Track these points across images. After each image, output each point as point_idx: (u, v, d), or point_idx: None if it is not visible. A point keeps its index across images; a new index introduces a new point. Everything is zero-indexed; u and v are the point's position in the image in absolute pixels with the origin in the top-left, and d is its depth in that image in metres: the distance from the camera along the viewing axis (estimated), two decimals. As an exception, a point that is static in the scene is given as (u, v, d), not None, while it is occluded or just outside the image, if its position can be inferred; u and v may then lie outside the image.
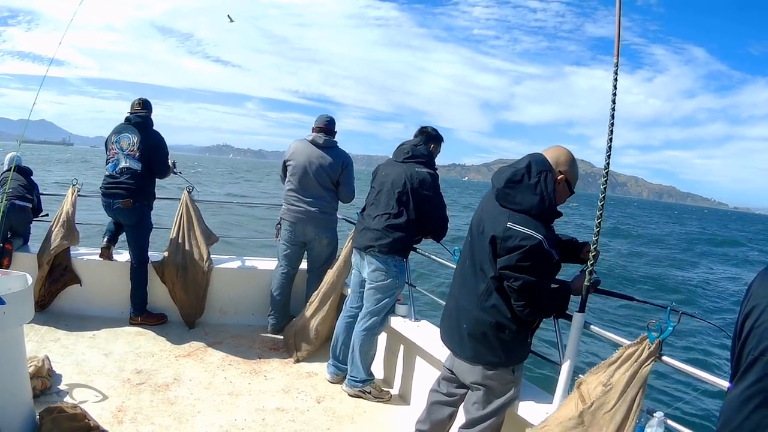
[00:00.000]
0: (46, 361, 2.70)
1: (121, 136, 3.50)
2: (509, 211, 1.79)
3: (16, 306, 1.90)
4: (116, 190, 3.47)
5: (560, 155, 1.88)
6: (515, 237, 1.73)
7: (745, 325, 1.23)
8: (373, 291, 2.85)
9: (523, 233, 1.73)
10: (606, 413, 1.63)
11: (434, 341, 2.66)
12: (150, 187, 3.61)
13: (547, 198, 1.78)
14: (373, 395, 2.89)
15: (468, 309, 1.91)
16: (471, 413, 1.98)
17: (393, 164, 2.86)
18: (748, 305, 1.24)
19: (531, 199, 1.78)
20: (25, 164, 4.01)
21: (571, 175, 1.89)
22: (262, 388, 2.91)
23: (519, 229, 1.74)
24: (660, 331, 1.60)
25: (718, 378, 1.51)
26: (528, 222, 1.75)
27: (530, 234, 1.72)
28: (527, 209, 1.77)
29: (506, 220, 1.77)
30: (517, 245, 1.72)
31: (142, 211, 3.57)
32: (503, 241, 1.75)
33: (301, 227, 3.52)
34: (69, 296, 3.69)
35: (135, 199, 3.48)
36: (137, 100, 3.66)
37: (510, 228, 1.75)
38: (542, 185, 1.79)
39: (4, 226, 3.42)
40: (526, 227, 1.74)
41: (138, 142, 3.47)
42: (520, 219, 1.76)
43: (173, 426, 2.42)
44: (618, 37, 1.75)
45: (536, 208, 1.77)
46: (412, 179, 2.72)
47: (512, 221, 1.76)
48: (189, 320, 3.71)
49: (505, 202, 1.82)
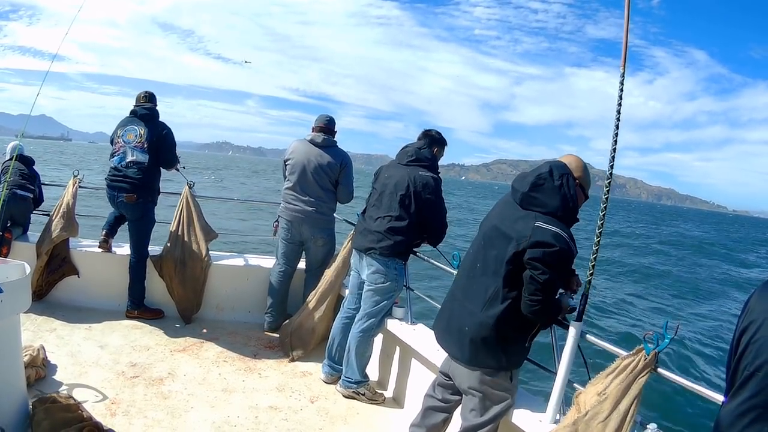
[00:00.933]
0: (41, 350, 2.69)
1: (127, 129, 3.50)
2: (535, 213, 1.83)
3: (13, 295, 1.90)
4: (121, 183, 3.47)
5: (573, 161, 1.96)
6: (546, 234, 1.76)
7: (741, 340, 1.23)
8: (371, 293, 2.85)
9: (553, 231, 1.76)
10: (599, 423, 1.63)
11: (430, 345, 2.66)
12: (155, 182, 3.61)
13: (571, 199, 1.85)
14: (367, 397, 2.88)
15: (473, 312, 1.91)
16: (468, 420, 1.97)
17: (396, 166, 2.86)
18: (746, 320, 1.24)
19: (555, 200, 1.83)
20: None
21: (584, 181, 1.96)
22: (256, 386, 2.90)
23: (549, 228, 1.77)
24: (656, 343, 1.60)
25: (713, 392, 1.51)
26: (555, 222, 1.79)
27: (560, 234, 1.76)
28: (553, 211, 1.82)
29: (533, 220, 1.81)
30: (549, 242, 1.75)
31: (146, 206, 3.57)
32: (533, 237, 1.77)
33: (297, 226, 3.52)
34: (67, 287, 3.69)
35: (139, 194, 3.48)
36: (143, 92, 3.66)
37: (539, 227, 1.78)
38: (565, 188, 1.85)
39: (4, 215, 3.43)
40: (554, 226, 1.77)
41: (146, 133, 3.46)
42: (547, 219, 1.80)
43: (166, 420, 2.41)
44: (625, 46, 1.76)
45: (561, 209, 1.82)
46: (415, 183, 2.71)
47: (540, 221, 1.80)
48: (186, 315, 3.71)
49: (529, 205, 1.86)
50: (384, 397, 2.95)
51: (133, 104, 3.62)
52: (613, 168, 1.78)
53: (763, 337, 1.18)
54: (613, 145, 1.78)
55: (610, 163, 1.79)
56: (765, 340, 1.18)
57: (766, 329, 1.19)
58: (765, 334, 1.19)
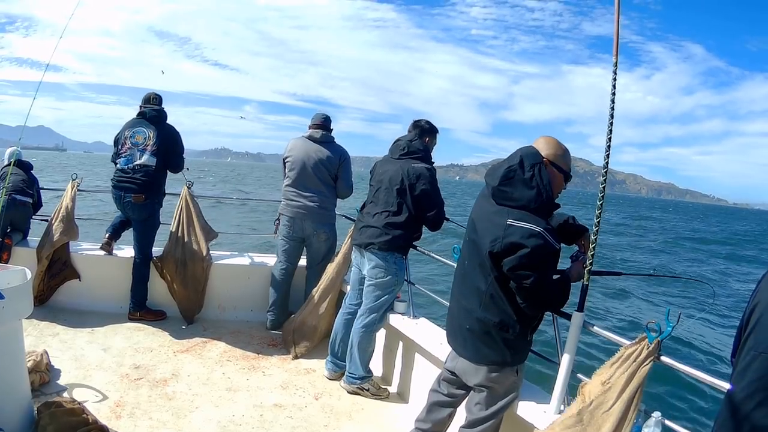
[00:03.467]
0: (44, 355, 2.70)
1: (135, 131, 3.48)
2: (507, 208, 1.77)
3: (15, 300, 1.89)
4: (128, 184, 3.46)
5: (545, 144, 1.86)
6: (518, 233, 1.70)
7: (750, 320, 1.23)
8: (372, 288, 2.85)
9: (526, 230, 1.70)
10: (604, 412, 1.62)
11: (433, 339, 2.66)
12: (162, 184, 3.60)
13: (544, 191, 1.76)
14: (371, 392, 2.89)
15: (470, 309, 1.89)
16: (473, 414, 1.97)
17: (390, 161, 2.86)
18: (755, 299, 1.24)
19: (528, 193, 1.75)
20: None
21: (561, 160, 1.86)
22: (260, 384, 2.91)
23: (521, 225, 1.71)
24: (659, 331, 1.60)
25: (717, 379, 1.50)
26: (528, 217, 1.73)
27: (533, 230, 1.69)
28: (525, 204, 1.75)
29: (506, 217, 1.74)
30: (522, 243, 1.69)
31: (153, 207, 3.56)
32: (505, 237, 1.72)
33: (299, 222, 3.52)
34: (68, 291, 3.69)
35: (147, 195, 3.47)
36: (152, 94, 3.62)
37: (511, 225, 1.72)
38: (537, 178, 1.77)
39: (4, 220, 3.42)
40: (527, 223, 1.71)
41: (154, 136, 3.44)
42: (520, 215, 1.74)
43: (171, 421, 2.42)
44: (617, 38, 1.74)
45: (534, 202, 1.75)
46: (409, 175, 2.72)
47: (512, 218, 1.73)
48: (188, 316, 3.71)
49: (502, 200, 1.80)
50: (388, 392, 2.96)
51: (140, 105, 3.58)
52: (609, 158, 1.75)
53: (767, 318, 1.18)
54: (608, 134, 1.74)
55: (606, 153, 1.77)
56: None
57: None
58: None
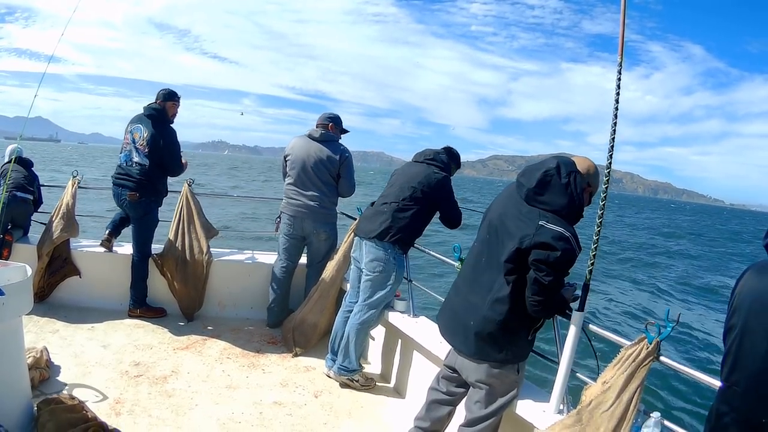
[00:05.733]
0: (44, 352, 2.70)
1: (134, 127, 3.48)
2: (539, 210, 1.81)
3: (15, 297, 1.89)
4: (125, 181, 3.46)
5: (584, 160, 1.93)
6: (548, 234, 1.74)
7: (732, 326, 1.32)
8: (370, 282, 2.86)
9: (557, 232, 1.74)
10: (604, 412, 1.63)
11: (433, 338, 2.66)
12: (159, 183, 3.57)
13: (577, 198, 1.81)
14: (360, 383, 2.93)
15: (477, 306, 1.90)
16: (473, 412, 1.98)
17: (412, 164, 2.95)
18: (735, 302, 1.33)
19: (562, 199, 1.80)
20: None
21: (592, 178, 1.92)
22: (260, 382, 2.91)
23: (553, 228, 1.75)
24: (658, 332, 1.60)
25: (716, 379, 1.50)
26: (558, 221, 1.77)
27: (563, 234, 1.73)
28: (558, 209, 1.79)
29: (537, 218, 1.78)
30: (551, 244, 1.73)
31: (149, 205, 3.55)
32: (535, 236, 1.75)
33: (299, 221, 3.52)
34: (68, 288, 3.70)
35: (141, 193, 3.46)
36: (161, 90, 3.61)
37: (543, 226, 1.76)
38: (572, 186, 1.81)
39: (5, 217, 3.42)
40: (557, 226, 1.75)
41: (148, 137, 3.43)
42: (552, 218, 1.78)
43: (171, 418, 2.42)
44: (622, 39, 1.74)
45: (566, 208, 1.80)
46: (429, 179, 2.81)
47: (544, 220, 1.77)
48: (188, 313, 3.71)
49: (534, 202, 1.83)
50: (375, 381, 3.00)
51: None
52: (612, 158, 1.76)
53: (745, 320, 1.26)
54: (612, 134, 1.76)
55: (609, 153, 1.77)
56: (746, 325, 1.26)
57: (750, 314, 1.24)
58: (748, 320, 1.26)
